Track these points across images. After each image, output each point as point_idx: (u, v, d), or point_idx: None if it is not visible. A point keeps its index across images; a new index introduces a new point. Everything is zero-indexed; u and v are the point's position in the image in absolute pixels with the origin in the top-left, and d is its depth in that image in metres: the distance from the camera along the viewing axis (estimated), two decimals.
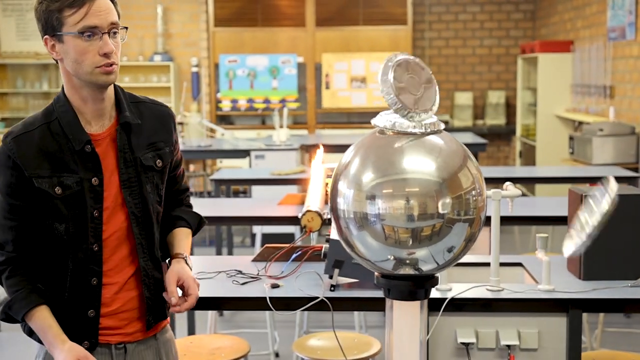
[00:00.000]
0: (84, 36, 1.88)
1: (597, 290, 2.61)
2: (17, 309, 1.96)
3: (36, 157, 1.94)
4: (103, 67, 1.91)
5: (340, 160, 1.50)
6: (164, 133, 2.13)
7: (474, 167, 1.45)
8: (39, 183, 1.94)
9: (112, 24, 1.92)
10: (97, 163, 1.98)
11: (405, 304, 1.49)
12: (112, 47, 1.91)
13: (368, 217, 1.42)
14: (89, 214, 1.97)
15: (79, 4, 1.87)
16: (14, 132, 1.97)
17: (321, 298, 2.55)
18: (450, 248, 1.44)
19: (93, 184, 1.98)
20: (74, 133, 1.96)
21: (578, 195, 2.75)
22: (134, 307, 2.08)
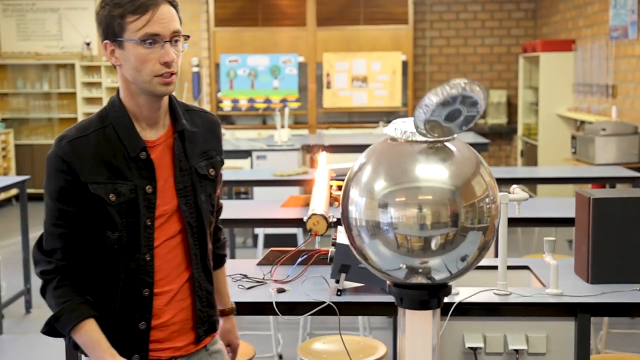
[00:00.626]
0: (145, 44, 1.85)
1: (605, 294, 2.60)
2: (65, 321, 1.90)
3: (91, 162, 1.89)
4: (162, 77, 1.87)
5: (351, 168, 1.48)
6: (215, 142, 2.11)
7: (487, 174, 1.43)
8: (94, 189, 1.89)
9: (175, 32, 1.88)
10: (151, 170, 1.94)
11: (417, 313, 1.47)
12: (173, 56, 1.87)
13: (380, 226, 1.40)
14: (142, 223, 1.92)
15: (142, 10, 1.84)
16: (68, 135, 1.92)
17: (328, 303, 2.53)
18: (463, 257, 1.42)
19: (147, 191, 1.93)
20: (129, 139, 1.92)
21: (585, 198, 2.73)
22: (184, 319, 2.03)
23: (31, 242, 6.92)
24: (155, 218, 1.95)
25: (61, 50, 10.53)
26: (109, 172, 1.90)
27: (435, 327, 1.51)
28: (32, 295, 5.70)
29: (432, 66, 10.63)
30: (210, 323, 2.09)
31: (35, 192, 10.14)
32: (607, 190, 2.87)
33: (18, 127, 10.54)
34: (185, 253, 2.01)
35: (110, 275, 1.94)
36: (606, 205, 2.69)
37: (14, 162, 10.24)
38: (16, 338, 5.10)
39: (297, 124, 10.30)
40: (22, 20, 10.51)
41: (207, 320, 2.07)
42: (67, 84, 10.41)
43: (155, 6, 1.85)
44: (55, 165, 1.91)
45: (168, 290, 1.99)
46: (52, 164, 1.92)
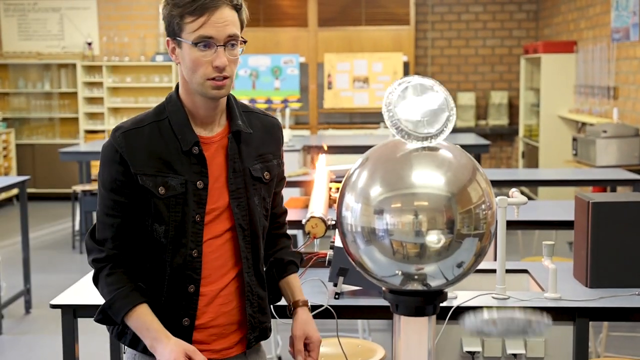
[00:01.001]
0: (198, 46, 1.85)
1: (604, 298, 2.59)
2: (118, 307, 1.90)
3: (143, 154, 1.90)
4: (214, 81, 1.87)
5: (347, 173, 1.48)
6: (273, 145, 2.09)
7: (483, 180, 1.43)
8: (142, 181, 1.90)
9: (230, 36, 1.86)
10: (204, 166, 1.94)
11: (413, 320, 1.47)
12: (225, 60, 1.86)
13: (376, 232, 1.39)
14: (191, 218, 1.92)
15: (199, 12, 1.83)
16: (123, 127, 1.94)
17: (326, 306, 2.52)
18: (459, 263, 1.41)
19: (198, 187, 1.93)
20: (183, 133, 1.93)
21: (585, 202, 2.72)
22: (226, 323, 2.00)
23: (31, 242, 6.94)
24: (205, 214, 1.94)
25: (62, 50, 10.53)
26: (161, 165, 1.91)
27: (430, 333, 1.51)
28: (32, 295, 5.70)
29: (433, 67, 10.62)
30: (262, 330, 2.06)
31: (36, 192, 10.16)
32: (606, 194, 2.86)
33: (19, 126, 10.55)
34: (232, 254, 2.00)
35: (157, 269, 1.95)
36: (605, 209, 2.68)
37: (15, 161, 10.24)
38: (16, 338, 5.10)
39: (298, 125, 10.30)
40: (24, 19, 10.51)
41: (258, 327, 2.04)
42: (69, 84, 10.41)
43: (215, 8, 1.84)
44: (109, 156, 1.92)
45: (209, 290, 1.97)
46: (106, 154, 1.93)
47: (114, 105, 10.38)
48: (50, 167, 10.24)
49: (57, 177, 10.21)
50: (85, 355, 4.58)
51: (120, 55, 10.42)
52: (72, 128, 10.51)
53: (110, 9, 10.45)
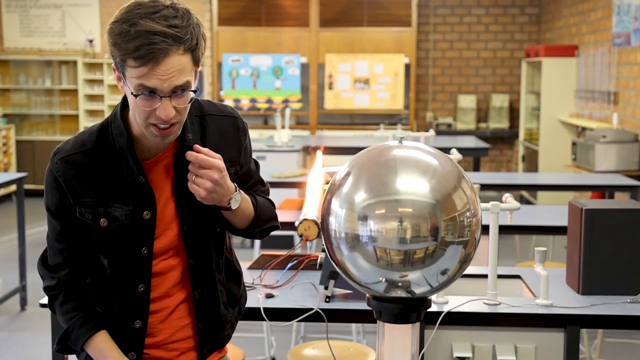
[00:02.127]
0: (139, 96, 1.65)
1: (595, 306, 2.58)
2: (76, 337, 1.84)
3: (83, 182, 1.77)
4: (158, 129, 1.69)
5: (332, 179, 1.47)
6: (229, 150, 1.87)
7: (468, 188, 1.42)
8: (81, 214, 1.78)
9: (177, 87, 1.65)
10: (150, 195, 1.79)
11: (397, 327, 1.46)
12: (170, 112, 1.65)
13: (360, 238, 1.38)
14: (137, 251, 1.81)
15: (141, 62, 1.60)
16: (63, 150, 1.80)
17: (316, 310, 2.52)
18: (444, 270, 1.41)
19: (144, 217, 1.79)
20: (126, 161, 1.76)
21: (578, 209, 2.71)
22: (184, 337, 1.92)
23: (28, 239, 6.93)
24: (153, 246, 1.82)
25: (64, 46, 10.53)
26: (103, 194, 1.77)
27: (414, 340, 1.50)
28: (28, 292, 5.70)
29: (434, 69, 10.61)
30: (217, 339, 1.97)
31: (35, 188, 10.15)
32: (600, 201, 2.85)
33: (19, 123, 10.55)
34: (183, 273, 1.88)
35: (104, 300, 1.87)
36: (599, 216, 2.67)
37: (15, 158, 10.24)
38: (10, 335, 5.09)
39: (299, 125, 10.29)
40: (26, 16, 10.51)
41: (212, 339, 1.95)
42: (69, 81, 10.41)
43: (163, 56, 1.61)
44: (50, 182, 1.82)
45: (164, 307, 1.89)
46: (47, 179, 1.83)
47: (114, 103, 10.37)
48: None
49: None
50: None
51: None
52: (73, 125, 10.51)
53: (112, 6, 10.44)
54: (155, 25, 1.61)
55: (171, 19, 1.63)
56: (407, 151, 1.43)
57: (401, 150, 1.43)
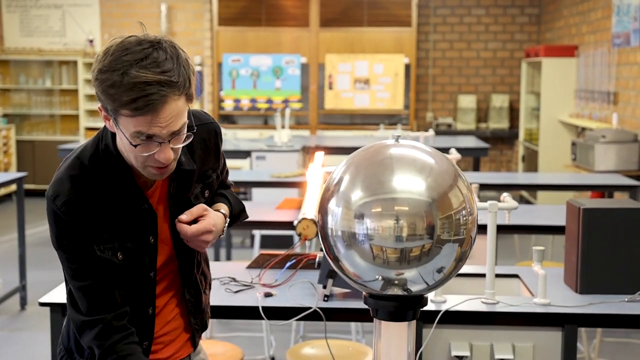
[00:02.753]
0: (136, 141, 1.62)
1: (593, 305, 2.58)
2: None
3: (94, 220, 1.73)
4: (155, 168, 1.69)
5: (329, 177, 1.48)
6: (211, 158, 1.93)
7: (464, 186, 1.42)
8: (101, 251, 1.75)
9: (175, 131, 1.64)
10: (154, 220, 1.82)
11: (393, 325, 1.46)
12: (169, 155, 1.65)
13: (356, 237, 1.39)
14: (146, 276, 1.84)
15: (139, 113, 1.57)
16: (62, 192, 1.72)
17: (314, 309, 2.52)
18: (440, 269, 1.41)
19: (150, 242, 1.83)
20: (129, 194, 1.77)
21: (576, 208, 2.72)
22: (171, 329, 1.97)
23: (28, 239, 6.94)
24: (156, 267, 1.86)
25: (64, 46, 10.54)
26: (114, 228, 1.76)
27: (410, 338, 1.51)
28: (28, 291, 5.71)
29: (434, 69, 10.62)
30: (203, 325, 2.04)
31: (35, 188, 10.16)
32: (598, 201, 2.86)
33: (20, 122, 10.56)
34: (173, 275, 1.94)
35: None
36: (596, 216, 2.68)
37: (15, 157, 10.25)
38: (10, 335, 5.10)
39: (299, 125, 10.30)
40: (26, 16, 10.52)
41: (200, 327, 2.03)
42: (70, 81, 10.42)
43: (161, 105, 1.58)
44: (57, 223, 1.75)
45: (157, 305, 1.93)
46: (56, 222, 1.75)
47: None
48: (50, 163, 10.24)
49: None
50: None
51: None
52: (73, 125, 10.52)
53: (112, 6, 10.45)
54: (148, 75, 1.57)
55: (162, 63, 1.59)
56: (404, 150, 1.43)
57: (397, 149, 1.43)
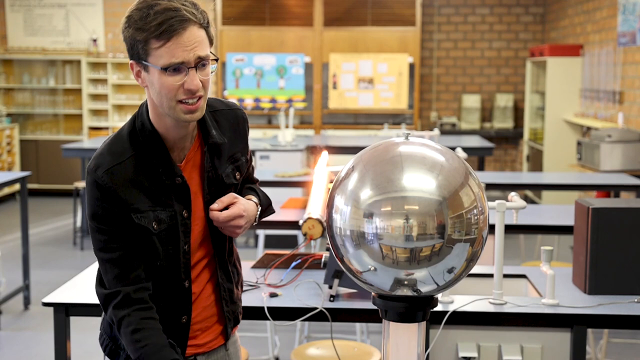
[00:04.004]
0: (167, 71, 1.75)
1: (602, 305, 2.55)
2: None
3: (132, 190, 1.83)
4: (186, 105, 1.78)
5: (337, 175, 1.45)
6: (240, 141, 2.03)
7: (475, 185, 1.40)
8: (138, 219, 1.83)
9: (200, 58, 1.77)
10: (187, 194, 1.90)
11: (402, 326, 1.44)
12: (197, 82, 1.77)
13: (365, 236, 1.36)
14: (181, 249, 1.90)
15: (166, 37, 1.73)
16: (103, 163, 1.83)
17: (320, 309, 2.50)
18: (450, 269, 1.38)
19: (184, 216, 1.90)
20: (164, 166, 1.86)
21: (585, 208, 2.69)
22: (207, 316, 2.02)
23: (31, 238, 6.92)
24: (190, 242, 1.92)
25: (68, 46, 10.53)
26: (150, 199, 1.85)
27: (420, 339, 1.48)
28: (31, 291, 5.69)
29: (439, 69, 10.59)
30: (235, 317, 2.09)
31: (38, 188, 10.16)
32: (607, 200, 2.82)
33: (23, 122, 10.54)
34: (209, 258, 2.00)
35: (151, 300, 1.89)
36: (605, 215, 2.65)
37: (19, 157, 10.24)
38: (14, 334, 5.08)
39: (303, 124, 10.27)
40: (30, 15, 10.51)
41: (232, 318, 2.08)
42: (73, 80, 10.40)
43: (182, 30, 1.74)
44: (97, 194, 1.82)
45: (194, 292, 1.98)
46: (93, 192, 1.83)
47: (118, 102, 10.37)
48: (53, 163, 10.24)
49: (61, 173, 10.21)
50: (81, 354, 4.57)
51: (126, 52, 10.37)
52: (76, 124, 10.50)
53: (116, 5, 10.44)
54: (172, 3, 1.75)
55: (184, 2, 1.78)
56: (414, 147, 1.41)
57: (407, 147, 1.41)
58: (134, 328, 1.81)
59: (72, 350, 4.52)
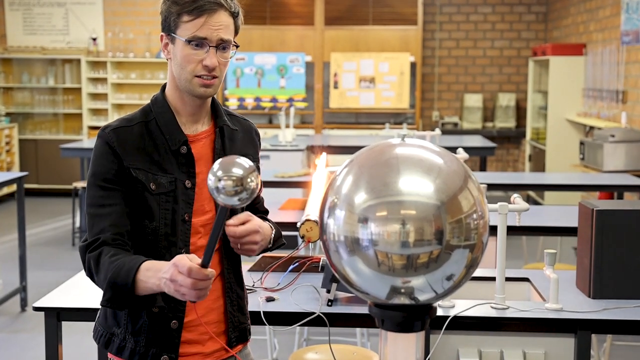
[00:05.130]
0: (191, 44, 1.88)
1: (607, 310, 2.49)
2: (127, 270, 1.76)
3: (134, 150, 1.92)
4: (202, 79, 1.90)
5: (331, 178, 1.39)
6: (251, 147, 2.11)
7: (475, 188, 1.33)
8: (136, 173, 1.90)
9: (222, 40, 1.90)
10: (191, 165, 1.96)
11: (400, 336, 1.37)
12: (215, 61, 1.89)
13: (360, 242, 1.30)
14: (180, 217, 1.93)
15: (197, 13, 1.87)
16: (112, 125, 1.95)
17: (317, 314, 2.44)
18: (449, 276, 1.32)
19: (186, 186, 1.95)
20: (170, 132, 1.95)
21: (589, 210, 2.62)
22: (215, 321, 2.00)
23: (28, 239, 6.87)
24: (192, 213, 1.94)
25: (67, 45, 10.47)
26: (150, 163, 1.92)
27: (419, 349, 1.42)
28: (28, 293, 5.63)
29: (440, 68, 10.52)
30: (242, 330, 2.06)
31: (37, 188, 10.11)
32: (611, 202, 2.76)
33: (22, 121, 10.49)
34: (218, 256, 2.00)
35: None
36: (610, 217, 2.58)
37: (18, 157, 10.19)
38: (10, 337, 5.03)
39: (303, 124, 10.21)
40: (29, 14, 10.45)
41: (238, 326, 2.05)
42: (73, 79, 10.35)
43: (213, 12, 1.88)
44: (102, 150, 1.91)
45: None
46: (99, 148, 1.92)
47: (118, 102, 10.31)
48: (53, 162, 10.18)
49: (60, 173, 10.15)
50: (76, 356, 4.51)
51: (125, 52, 10.35)
52: (76, 124, 10.45)
53: (116, 4, 10.38)
54: None
55: None
56: (410, 149, 1.34)
57: (404, 149, 1.34)
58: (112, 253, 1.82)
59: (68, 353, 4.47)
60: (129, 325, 1.94)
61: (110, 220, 1.86)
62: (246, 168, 1.50)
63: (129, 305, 1.84)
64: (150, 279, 1.75)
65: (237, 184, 1.48)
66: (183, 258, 1.67)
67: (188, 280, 1.64)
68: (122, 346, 1.94)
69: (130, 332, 1.94)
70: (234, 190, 1.48)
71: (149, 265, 1.78)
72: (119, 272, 1.77)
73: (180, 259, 1.67)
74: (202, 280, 1.64)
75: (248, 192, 1.50)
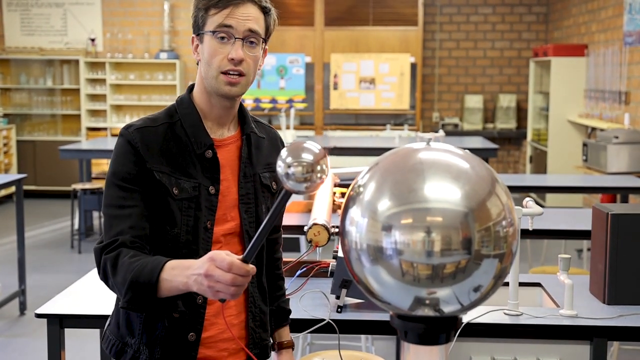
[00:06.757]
0: (217, 36, 1.82)
1: (623, 316, 2.44)
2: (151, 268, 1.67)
3: (158, 152, 1.83)
4: (228, 76, 1.82)
5: (352, 184, 1.33)
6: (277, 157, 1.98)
7: (503, 194, 1.27)
8: (159, 177, 1.81)
9: (250, 31, 1.83)
10: (216, 171, 1.88)
11: (423, 348, 1.31)
12: (241, 53, 1.81)
13: (383, 251, 1.23)
14: (202, 224, 1.85)
15: (223, 4, 1.82)
16: (136, 124, 1.86)
17: (327, 321, 2.38)
18: (477, 287, 1.25)
19: (210, 192, 1.87)
20: (196, 135, 1.87)
21: (603, 214, 2.57)
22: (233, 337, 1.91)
23: (27, 242, 6.80)
24: (215, 220, 1.87)
25: (65, 46, 10.41)
26: (174, 166, 1.84)
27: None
28: (27, 296, 5.57)
29: (441, 69, 10.47)
30: (263, 347, 1.98)
31: (36, 189, 10.03)
32: (626, 206, 2.70)
33: (20, 123, 10.42)
34: None
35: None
36: (626, 222, 2.53)
37: (16, 158, 10.11)
38: (9, 341, 4.96)
39: (303, 125, 10.16)
40: (27, 14, 10.39)
41: (259, 343, 1.97)
42: (71, 80, 10.28)
43: (241, 3, 1.83)
44: (125, 149, 1.83)
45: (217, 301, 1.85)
46: (121, 148, 1.83)
47: (116, 103, 10.24)
48: (51, 164, 10.11)
49: (58, 174, 10.08)
50: None
51: (124, 52, 10.29)
52: (74, 125, 10.38)
53: (115, 5, 10.32)
54: None
55: None
56: (436, 154, 1.28)
57: (429, 153, 1.28)
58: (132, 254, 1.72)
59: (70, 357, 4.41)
60: (143, 335, 1.85)
61: (130, 222, 1.77)
62: (316, 154, 1.44)
63: (150, 308, 1.72)
64: (176, 277, 1.65)
65: (307, 170, 1.42)
66: (220, 253, 1.57)
67: (227, 275, 1.53)
68: (135, 357, 1.86)
69: (145, 342, 1.85)
70: (304, 177, 1.42)
71: (174, 264, 1.68)
72: (141, 271, 1.68)
73: (218, 254, 1.57)
74: (243, 277, 1.54)
75: (317, 178, 1.44)
